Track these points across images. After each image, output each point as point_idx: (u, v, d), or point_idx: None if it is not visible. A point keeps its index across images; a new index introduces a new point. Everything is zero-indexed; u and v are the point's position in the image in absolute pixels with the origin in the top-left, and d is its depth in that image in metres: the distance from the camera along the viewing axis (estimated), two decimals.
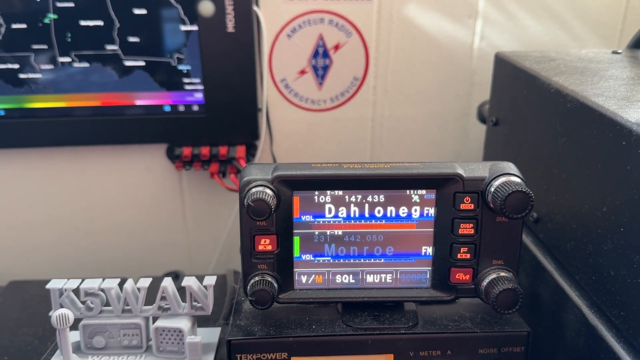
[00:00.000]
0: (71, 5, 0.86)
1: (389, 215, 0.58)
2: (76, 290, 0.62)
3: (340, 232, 0.58)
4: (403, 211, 0.57)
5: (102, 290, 0.62)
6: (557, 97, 0.61)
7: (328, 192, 0.57)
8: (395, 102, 0.98)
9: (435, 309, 0.61)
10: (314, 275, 0.59)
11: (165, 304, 0.63)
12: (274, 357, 0.57)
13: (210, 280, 0.62)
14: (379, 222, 0.58)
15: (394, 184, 0.56)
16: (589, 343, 0.54)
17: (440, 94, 0.98)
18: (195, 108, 0.93)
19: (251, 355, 0.57)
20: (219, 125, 0.93)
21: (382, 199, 0.57)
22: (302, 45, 0.93)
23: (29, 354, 0.71)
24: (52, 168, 0.97)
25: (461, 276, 0.58)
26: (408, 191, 0.57)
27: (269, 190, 0.54)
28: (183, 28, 0.88)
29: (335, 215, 0.58)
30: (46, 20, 0.86)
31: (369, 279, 0.59)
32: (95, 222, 1.01)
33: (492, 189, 0.54)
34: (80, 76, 0.90)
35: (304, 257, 0.59)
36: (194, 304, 0.63)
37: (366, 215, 0.58)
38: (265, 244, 0.57)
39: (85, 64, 0.89)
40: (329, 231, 0.58)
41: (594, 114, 0.54)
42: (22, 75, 0.89)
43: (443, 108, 0.99)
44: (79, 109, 0.92)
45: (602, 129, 0.53)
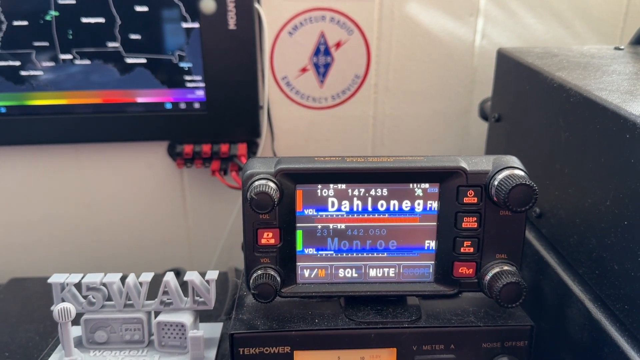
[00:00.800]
0: (72, 2, 0.86)
1: (392, 209, 0.57)
2: (78, 285, 0.62)
3: (343, 226, 0.58)
4: (406, 205, 0.57)
5: (104, 284, 0.62)
6: (560, 92, 0.61)
7: (331, 186, 0.57)
8: (397, 100, 0.98)
9: (438, 303, 0.60)
10: (316, 269, 0.59)
11: (168, 299, 0.62)
12: (277, 351, 0.57)
13: (212, 274, 0.62)
14: (382, 216, 0.58)
15: (397, 177, 0.56)
16: (593, 337, 0.54)
17: (441, 91, 0.98)
18: (197, 105, 0.92)
19: (254, 349, 0.56)
20: (220, 122, 0.93)
21: (385, 192, 0.57)
22: (304, 43, 0.93)
23: (29, 350, 0.71)
24: (53, 165, 0.96)
25: (464, 270, 0.58)
26: (411, 185, 0.57)
27: (272, 184, 0.54)
28: (184, 25, 0.88)
29: (338, 209, 0.57)
30: (47, 18, 0.86)
31: (372, 273, 0.59)
32: (96, 220, 1.01)
33: (496, 182, 0.54)
34: (81, 73, 0.90)
35: (306, 251, 0.58)
36: (197, 298, 0.62)
37: (369, 209, 0.57)
38: (268, 238, 0.56)
39: (87, 62, 0.89)
40: (332, 225, 0.58)
41: (597, 108, 0.54)
42: (23, 73, 0.89)
43: (444, 106, 0.99)
44: (80, 106, 0.91)
45: (606, 122, 0.53)
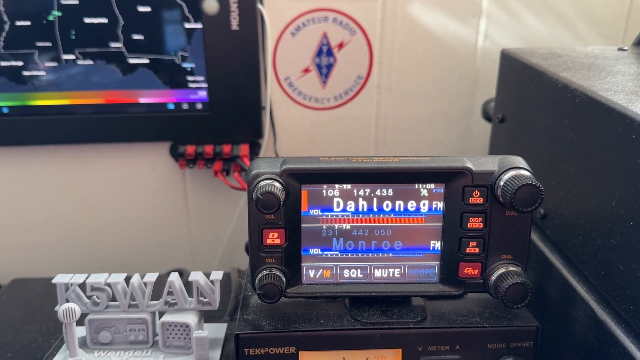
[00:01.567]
0: (75, 2, 0.85)
1: (397, 209, 0.57)
2: (82, 285, 0.62)
3: (348, 226, 0.58)
4: (411, 205, 0.57)
5: (109, 285, 0.62)
6: (565, 92, 0.61)
7: (336, 186, 0.57)
8: (399, 101, 0.98)
9: (443, 303, 0.60)
10: (321, 270, 0.59)
11: (172, 299, 0.62)
12: (282, 352, 0.56)
13: (217, 275, 0.62)
14: (387, 216, 0.58)
15: (402, 177, 0.56)
16: (598, 338, 0.54)
17: (443, 92, 0.98)
18: (199, 106, 0.92)
19: (259, 349, 0.56)
20: (222, 123, 0.93)
21: (391, 192, 0.57)
22: (306, 44, 0.94)
23: (32, 351, 0.71)
24: (56, 166, 0.96)
25: (470, 271, 0.58)
26: (417, 185, 0.57)
27: (277, 184, 0.54)
28: (187, 26, 0.88)
29: (344, 209, 0.57)
30: (50, 18, 0.86)
31: (377, 273, 0.59)
32: (98, 220, 1.00)
33: (502, 183, 0.54)
34: (83, 74, 0.90)
35: (312, 251, 0.58)
36: (201, 299, 0.62)
37: (374, 209, 0.57)
38: (273, 238, 0.56)
39: (89, 62, 0.89)
40: (337, 225, 0.58)
41: (602, 108, 0.54)
42: (26, 73, 0.89)
43: (447, 107, 0.99)
44: (82, 106, 0.91)
45: (611, 123, 0.53)
